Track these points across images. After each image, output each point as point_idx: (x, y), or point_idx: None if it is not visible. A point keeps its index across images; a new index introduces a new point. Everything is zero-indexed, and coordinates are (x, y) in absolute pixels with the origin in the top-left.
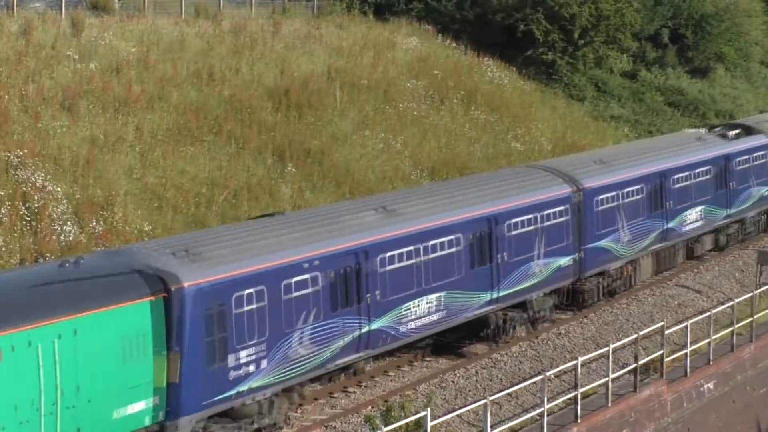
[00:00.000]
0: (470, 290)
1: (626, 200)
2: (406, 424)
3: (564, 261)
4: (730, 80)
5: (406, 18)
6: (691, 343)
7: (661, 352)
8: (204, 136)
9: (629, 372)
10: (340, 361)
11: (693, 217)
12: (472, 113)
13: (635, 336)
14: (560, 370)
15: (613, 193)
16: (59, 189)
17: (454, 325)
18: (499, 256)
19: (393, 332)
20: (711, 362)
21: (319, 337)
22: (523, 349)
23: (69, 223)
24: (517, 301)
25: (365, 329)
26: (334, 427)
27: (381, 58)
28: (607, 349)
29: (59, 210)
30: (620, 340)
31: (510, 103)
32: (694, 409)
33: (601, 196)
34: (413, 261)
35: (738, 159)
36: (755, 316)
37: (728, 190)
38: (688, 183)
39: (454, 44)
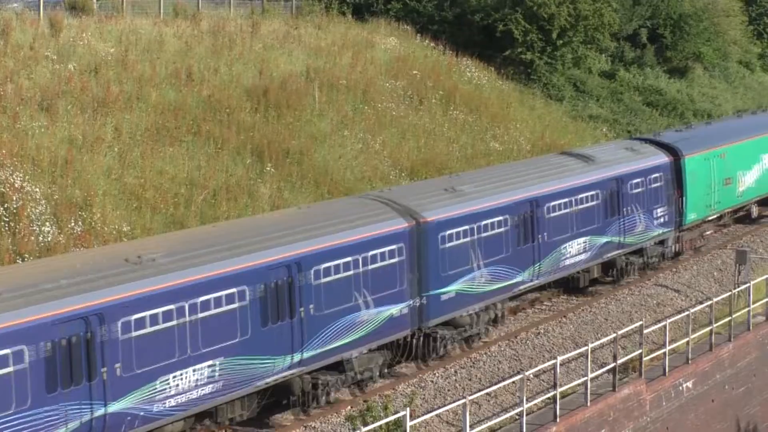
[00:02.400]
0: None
1: None
2: (387, 424)
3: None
4: (709, 80)
5: (384, 18)
6: (670, 343)
7: (639, 351)
8: (183, 136)
9: (608, 371)
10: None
11: None
12: (450, 113)
13: (614, 335)
14: (539, 370)
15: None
16: (38, 189)
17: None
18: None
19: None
20: (690, 361)
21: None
22: (502, 349)
23: (47, 223)
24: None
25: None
26: (314, 427)
27: (360, 59)
28: (586, 348)
29: (38, 211)
30: (599, 339)
31: (488, 103)
32: (672, 408)
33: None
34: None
35: None
36: (734, 316)
37: None
38: None
39: (432, 44)
